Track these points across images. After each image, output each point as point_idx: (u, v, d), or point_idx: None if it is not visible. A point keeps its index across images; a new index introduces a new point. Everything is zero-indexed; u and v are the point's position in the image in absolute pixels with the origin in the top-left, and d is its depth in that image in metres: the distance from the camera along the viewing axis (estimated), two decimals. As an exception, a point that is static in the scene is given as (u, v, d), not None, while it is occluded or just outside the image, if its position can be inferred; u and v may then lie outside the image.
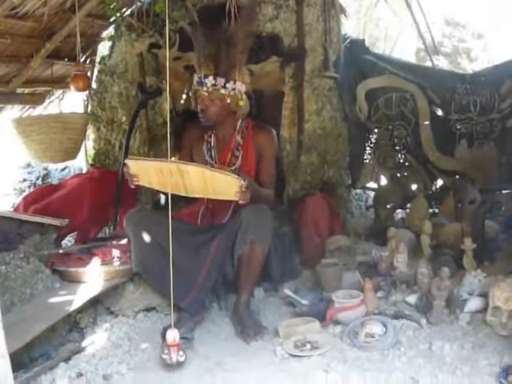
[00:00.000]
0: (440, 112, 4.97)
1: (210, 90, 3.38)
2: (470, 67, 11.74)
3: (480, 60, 12.79)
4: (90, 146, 5.24)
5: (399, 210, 5.15)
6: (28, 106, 5.20)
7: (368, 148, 5.17)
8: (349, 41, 5.06)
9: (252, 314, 3.25)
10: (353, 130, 5.04)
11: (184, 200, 3.46)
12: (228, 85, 3.39)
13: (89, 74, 4.98)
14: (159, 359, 2.77)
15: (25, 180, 5.95)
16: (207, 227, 3.46)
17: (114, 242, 3.73)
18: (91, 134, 5.09)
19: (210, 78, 3.37)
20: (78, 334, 3.17)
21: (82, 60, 4.86)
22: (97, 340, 3.08)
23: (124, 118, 4.86)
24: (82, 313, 3.25)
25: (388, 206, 4.88)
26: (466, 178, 4.80)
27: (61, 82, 5.13)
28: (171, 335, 2.65)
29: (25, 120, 4.72)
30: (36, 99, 5.15)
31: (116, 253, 3.47)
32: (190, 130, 3.68)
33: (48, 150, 4.49)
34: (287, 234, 3.86)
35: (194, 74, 3.47)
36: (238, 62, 3.44)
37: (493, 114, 4.77)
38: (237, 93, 3.43)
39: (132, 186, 3.14)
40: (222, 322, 3.33)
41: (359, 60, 5.06)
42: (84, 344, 3.02)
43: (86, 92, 4.91)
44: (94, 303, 3.35)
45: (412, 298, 3.23)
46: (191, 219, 3.51)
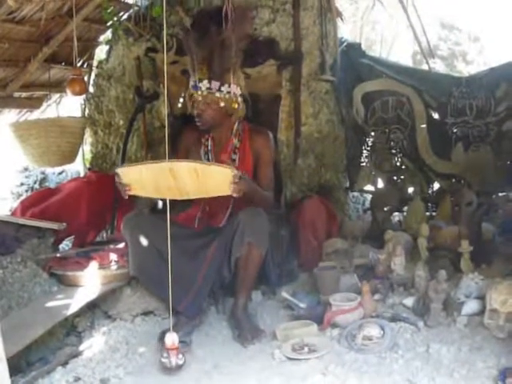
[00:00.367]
0: (436, 115, 5.00)
1: (205, 93, 3.37)
2: (466, 70, 11.76)
3: (476, 63, 12.82)
4: (87, 149, 5.24)
5: (396, 213, 5.16)
6: (25, 110, 5.19)
7: (365, 151, 5.19)
8: (345, 44, 5.09)
9: (250, 318, 3.25)
10: (350, 133, 5.06)
11: (181, 204, 3.47)
12: (223, 88, 3.39)
13: (86, 78, 4.98)
14: (157, 363, 2.78)
15: (22, 184, 5.94)
16: (204, 231, 3.45)
17: (112, 246, 3.73)
18: (89, 138, 5.08)
19: (205, 81, 3.37)
20: (75, 338, 3.16)
21: (79, 64, 4.86)
22: (94, 344, 3.07)
23: (121, 122, 4.87)
24: (80, 317, 3.25)
25: (385, 209, 4.89)
26: (463, 181, 4.83)
27: (58, 86, 5.12)
28: (170, 339, 2.66)
29: (22, 124, 4.72)
30: (33, 103, 5.14)
31: (113, 257, 3.46)
32: (187, 134, 3.67)
33: (45, 153, 4.48)
34: (284, 237, 3.86)
35: (190, 78, 3.47)
36: (233, 65, 3.43)
37: (489, 118, 4.78)
38: (232, 96, 3.42)
39: (125, 196, 3.01)
40: (219, 325, 3.33)
41: (356, 63, 5.08)
42: (81, 348, 3.01)
43: (83, 96, 4.91)
44: (92, 307, 3.36)
45: (409, 301, 3.23)
46: (188, 223, 3.51)
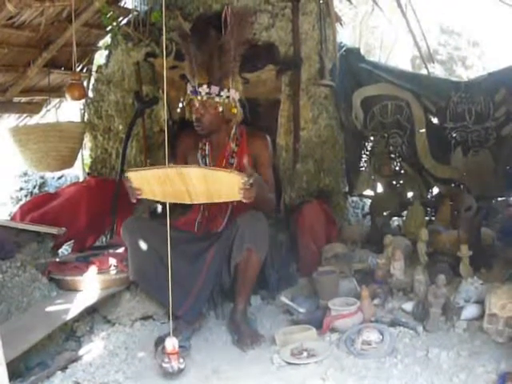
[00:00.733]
0: (435, 120, 5.00)
1: (205, 98, 3.37)
2: (465, 75, 11.80)
3: (475, 68, 12.85)
4: (86, 154, 5.24)
5: (395, 218, 5.17)
6: (25, 115, 5.20)
7: (364, 156, 5.19)
8: (344, 49, 5.09)
9: (249, 322, 3.25)
10: (349, 138, 5.07)
11: (180, 209, 3.47)
12: (222, 93, 3.38)
13: (85, 82, 4.99)
14: (156, 368, 2.77)
15: (21, 189, 5.94)
16: (203, 235, 3.45)
17: (111, 251, 3.73)
18: (88, 143, 5.08)
19: (204, 86, 3.37)
20: (74, 343, 3.16)
21: (78, 69, 4.87)
22: (94, 349, 3.07)
23: (121, 127, 4.87)
24: (79, 321, 3.25)
25: (384, 214, 4.90)
26: (462, 185, 4.83)
27: (58, 91, 5.13)
28: (170, 343, 2.64)
29: (22, 129, 4.73)
30: (33, 108, 5.16)
31: (113, 261, 3.46)
32: (184, 139, 3.66)
33: (45, 158, 4.49)
34: (284, 242, 3.87)
35: (188, 83, 3.46)
36: (232, 69, 3.44)
37: (488, 122, 4.79)
38: (231, 101, 3.42)
39: (134, 200, 3.02)
40: (218, 330, 3.33)
41: (355, 68, 5.09)
42: (81, 353, 3.01)
43: (83, 101, 4.92)
44: (91, 312, 3.35)
45: (408, 306, 3.23)
46: (188, 228, 3.50)
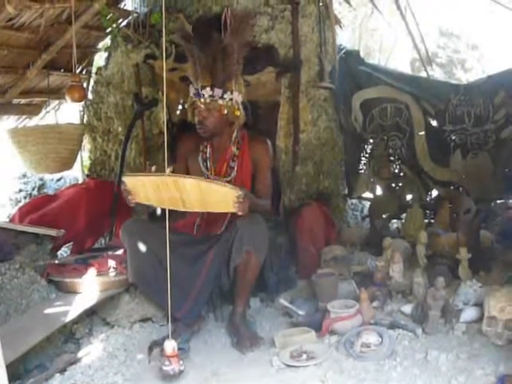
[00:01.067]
0: (435, 123, 5.01)
1: (208, 101, 3.36)
2: (464, 78, 11.80)
3: (475, 70, 12.86)
4: (85, 156, 5.24)
5: (395, 220, 5.17)
6: (24, 117, 5.21)
7: (363, 158, 5.20)
8: (344, 51, 5.10)
9: (248, 325, 3.25)
10: (348, 140, 5.07)
11: (179, 211, 3.46)
12: (225, 95, 3.38)
13: (85, 84, 4.99)
14: (155, 370, 2.77)
15: (20, 190, 5.94)
16: (203, 238, 3.44)
17: (110, 253, 3.73)
18: (87, 145, 5.08)
19: (208, 89, 3.37)
20: (73, 345, 3.16)
21: (78, 71, 4.87)
22: (92, 351, 3.07)
23: (120, 129, 4.86)
24: (78, 323, 3.25)
25: (383, 216, 4.90)
26: (461, 188, 4.83)
27: (57, 93, 5.14)
28: (170, 346, 2.64)
29: (21, 130, 4.72)
30: (32, 110, 5.16)
31: (112, 263, 3.46)
32: (185, 141, 3.66)
33: (44, 160, 4.48)
34: (283, 244, 3.87)
35: (190, 86, 3.46)
36: (234, 72, 3.44)
37: (487, 125, 4.79)
38: (234, 103, 3.42)
39: (131, 204, 3.04)
40: (218, 332, 3.33)
41: (354, 71, 5.10)
42: (80, 355, 3.01)
43: (82, 102, 4.92)
44: (90, 314, 3.35)
45: (408, 308, 3.23)
46: (187, 230, 3.50)
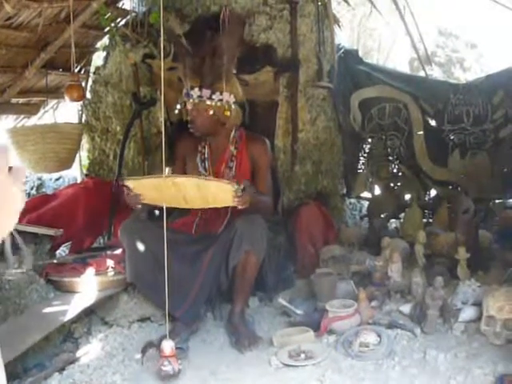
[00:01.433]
0: (433, 122, 5.00)
1: (196, 101, 3.39)
2: (463, 77, 11.81)
3: (473, 70, 12.87)
4: (84, 155, 5.24)
5: (393, 220, 5.17)
6: (22, 116, 5.20)
7: (362, 158, 5.19)
8: (342, 51, 5.09)
9: (247, 324, 3.25)
10: (347, 140, 5.07)
11: (178, 210, 3.47)
12: (214, 96, 3.39)
13: (83, 83, 4.98)
14: (154, 370, 2.77)
15: (19, 190, 5.92)
16: (201, 237, 3.45)
17: (109, 252, 3.72)
18: (86, 144, 5.08)
19: (196, 89, 3.39)
20: (72, 345, 3.16)
21: (76, 70, 4.86)
22: (91, 350, 3.07)
23: (118, 128, 4.86)
24: (77, 323, 3.25)
25: (382, 216, 4.89)
26: (460, 187, 4.83)
27: (55, 92, 5.13)
28: (168, 346, 2.64)
29: (19, 130, 4.72)
30: (31, 109, 5.15)
31: (110, 263, 3.46)
32: (184, 141, 3.67)
33: (42, 160, 4.48)
34: (282, 244, 3.87)
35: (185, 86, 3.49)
36: (225, 72, 3.44)
37: (486, 125, 4.79)
38: (224, 104, 3.42)
39: (138, 206, 3.14)
40: (216, 331, 3.32)
41: (353, 70, 5.09)
42: (78, 354, 3.01)
43: (81, 102, 4.91)
44: (89, 313, 3.35)
45: (406, 308, 3.23)
46: (186, 229, 3.51)
